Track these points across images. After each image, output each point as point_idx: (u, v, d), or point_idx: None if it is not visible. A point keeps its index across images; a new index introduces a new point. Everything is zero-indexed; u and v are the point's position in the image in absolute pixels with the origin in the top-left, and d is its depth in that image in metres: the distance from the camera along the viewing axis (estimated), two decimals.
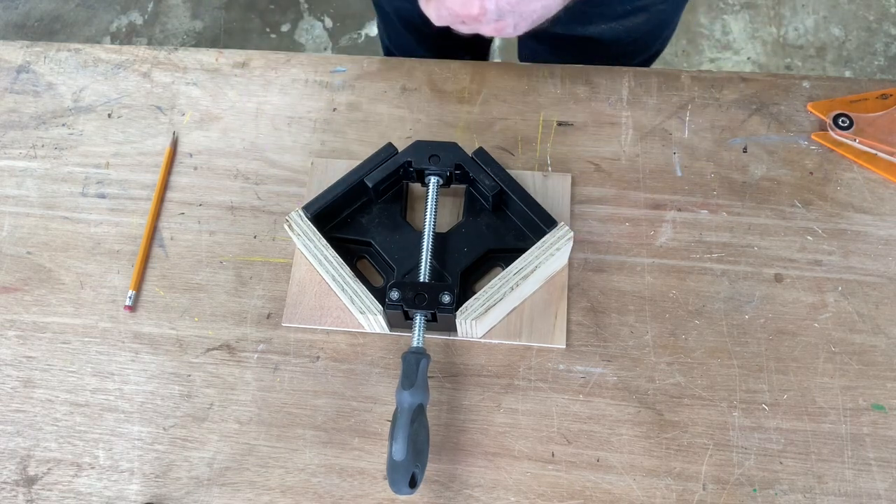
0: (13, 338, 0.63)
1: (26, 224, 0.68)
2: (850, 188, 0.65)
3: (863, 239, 0.63)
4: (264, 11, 1.92)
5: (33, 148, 0.71)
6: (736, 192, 0.66)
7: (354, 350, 0.61)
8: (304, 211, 0.60)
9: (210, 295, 0.64)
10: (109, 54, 0.76)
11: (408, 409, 0.52)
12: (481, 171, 0.61)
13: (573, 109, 0.70)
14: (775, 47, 1.80)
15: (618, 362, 0.59)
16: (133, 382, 0.61)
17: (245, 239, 0.66)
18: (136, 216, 0.67)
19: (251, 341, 0.62)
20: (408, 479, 0.51)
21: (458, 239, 0.62)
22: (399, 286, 0.56)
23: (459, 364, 0.60)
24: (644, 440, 0.57)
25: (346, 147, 0.70)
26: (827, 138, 0.67)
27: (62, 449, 0.59)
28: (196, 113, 0.72)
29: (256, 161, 0.69)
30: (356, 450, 0.58)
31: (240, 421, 0.59)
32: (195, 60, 0.75)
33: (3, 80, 0.75)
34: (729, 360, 0.59)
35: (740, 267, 0.62)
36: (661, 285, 0.62)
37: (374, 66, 0.74)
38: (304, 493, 0.56)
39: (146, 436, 0.59)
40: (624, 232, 0.64)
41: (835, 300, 0.61)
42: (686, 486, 0.55)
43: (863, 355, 0.59)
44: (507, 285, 0.57)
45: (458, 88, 0.72)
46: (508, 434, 0.58)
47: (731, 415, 0.57)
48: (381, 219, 0.63)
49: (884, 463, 0.55)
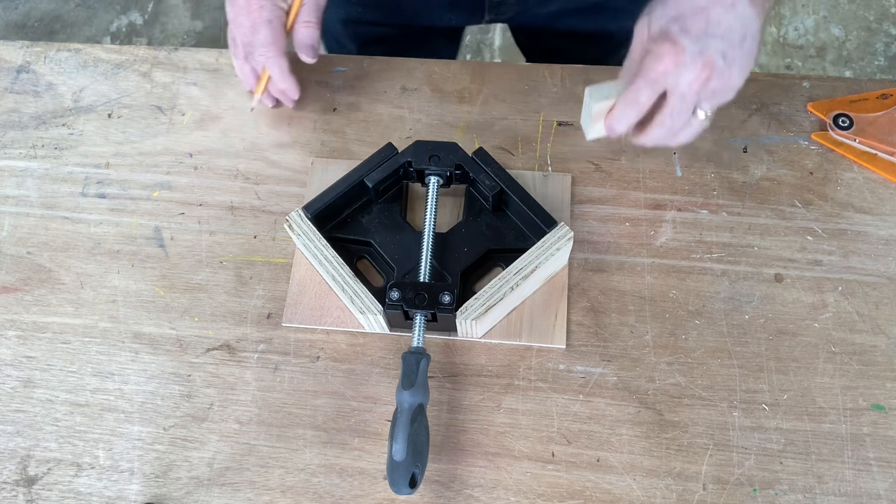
0: (13, 338, 0.63)
1: (26, 224, 0.68)
2: (850, 188, 0.65)
3: (863, 239, 0.63)
4: None
5: (33, 148, 0.71)
6: (736, 192, 0.66)
7: (354, 350, 0.61)
8: (304, 211, 0.60)
9: (210, 295, 0.64)
10: (109, 54, 0.76)
11: (408, 409, 0.52)
12: (481, 171, 0.61)
13: (573, 109, 0.70)
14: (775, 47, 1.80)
15: (618, 362, 0.59)
16: (133, 382, 0.61)
17: (245, 239, 0.66)
18: (136, 216, 0.67)
19: (251, 341, 0.62)
20: (408, 479, 0.51)
21: (458, 239, 0.62)
22: (399, 286, 0.56)
23: (459, 364, 0.60)
24: (644, 440, 0.57)
25: (346, 147, 0.70)
26: (827, 138, 0.67)
27: (62, 449, 0.59)
28: (196, 113, 0.72)
29: (256, 161, 0.69)
30: (356, 450, 0.58)
31: (240, 421, 0.59)
32: (195, 60, 0.75)
33: (3, 80, 0.75)
34: (729, 360, 0.59)
35: (740, 267, 0.62)
36: (661, 285, 0.62)
37: (374, 66, 0.74)
38: (304, 493, 0.56)
39: (146, 436, 0.59)
40: (624, 232, 0.64)
41: (835, 300, 0.61)
42: (686, 486, 0.55)
43: (863, 355, 0.59)
44: (507, 285, 0.57)
45: (458, 88, 0.72)
46: (508, 434, 0.58)
47: (731, 415, 0.57)
48: (381, 219, 0.63)
49: (884, 463, 0.55)
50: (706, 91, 0.54)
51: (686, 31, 0.52)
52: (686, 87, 0.53)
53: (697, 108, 0.55)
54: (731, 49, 0.53)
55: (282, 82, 0.66)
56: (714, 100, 0.55)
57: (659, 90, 0.54)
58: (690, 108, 0.55)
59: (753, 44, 0.54)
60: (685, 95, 0.54)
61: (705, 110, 0.56)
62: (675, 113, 0.55)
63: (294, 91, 0.68)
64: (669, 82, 0.53)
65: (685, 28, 0.52)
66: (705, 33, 0.52)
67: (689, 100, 0.54)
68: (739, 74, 0.54)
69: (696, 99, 0.54)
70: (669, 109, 0.55)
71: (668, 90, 0.54)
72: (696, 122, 0.57)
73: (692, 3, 0.53)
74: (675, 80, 0.53)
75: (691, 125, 0.57)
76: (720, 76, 0.53)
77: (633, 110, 0.55)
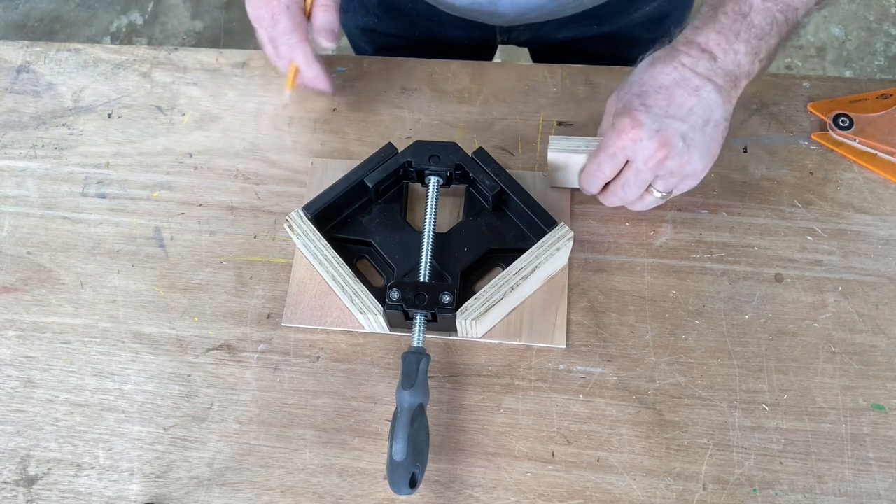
0: (13, 338, 0.63)
1: (26, 224, 0.68)
2: (850, 188, 0.65)
3: (863, 239, 0.63)
4: None
5: (33, 148, 0.71)
6: (736, 192, 0.66)
7: (354, 350, 0.61)
8: (304, 211, 0.60)
9: (210, 295, 0.64)
10: (109, 54, 0.76)
11: (408, 409, 0.52)
12: (481, 171, 0.61)
13: (573, 109, 0.70)
14: None
15: (618, 362, 0.59)
16: (133, 382, 0.61)
17: (245, 239, 0.66)
18: (136, 216, 0.67)
19: (251, 341, 0.62)
20: (408, 480, 0.51)
21: (458, 239, 0.62)
22: (399, 286, 0.56)
23: (459, 364, 0.60)
24: (644, 440, 0.57)
25: (346, 147, 0.70)
26: (827, 138, 0.67)
27: (62, 449, 0.59)
28: (196, 113, 0.72)
29: (256, 161, 0.69)
30: (356, 450, 0.58)
31: (240, 421, 0.59)
32: (195, 60, 0.75)
33: (3, 80, 0.75)
34: (729, 360, 0.59)
35: (740, 267, 0.62)
36: (661, 285, 0.62)
37: (374, 66, 0.74)
38: (304, 493, 0.56)
39: (146, 436, 0.59)
40: (624, 232, 0.64)
41: (835, 300, 0.61)
42: (686, 486, 0.55)
43: (863, 355, 0.59)
44: (507, 285, 0.57)
45: (458, 88, 0.72)
46: (508, 434, 0.58)
47: (731, 415, 0.57)
48: (381, 219, 0.63)
49: (884, 463, 0.55)
50: (661, 170, 0.54)
51: (647, 108, 0.53)
52: (642, 163, 0.54)
53: (652, 186, 0.56)
54: (692, 132, 0.53)
55: (308, 70, 0.64)
56: (670, 180, 0.56)
57: (621, 162, 0.55)
58: (644, 184, 0.56)
59: (716, 130, 0.54)
60: (640, 171, 0.55)
61: (660, 190, 0.57)
62: (628, 186, 0.57)
63: (322, 81, 0.66)
64: (629, 154, 0.54)
65: (647, 105, 0.53)
66: (666, 113, 0.53)
67: (643, 176, 0.55)
68: (700, 159, 0.55)
69: (652, 176, 0.55)
70: (622, 182, 0.57)
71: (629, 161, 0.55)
72: (649, 198, 0.58)
73: (656, 82, 0.53)
74: (633, 154, 0.54)
75: (644, 200, 0.59)
76: (678, 157, 0.53)
77: (597, 179, 0.58)
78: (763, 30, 0.52)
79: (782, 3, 0.53)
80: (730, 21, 0.52)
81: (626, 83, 0.56)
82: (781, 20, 0.53)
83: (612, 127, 0.54)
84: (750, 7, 0.52)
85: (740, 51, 0.52)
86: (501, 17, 0.76)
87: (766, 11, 0.52)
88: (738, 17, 0.52)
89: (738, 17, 0.52)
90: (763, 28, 0.52)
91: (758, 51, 0.53)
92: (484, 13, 0.76)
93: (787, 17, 0.53)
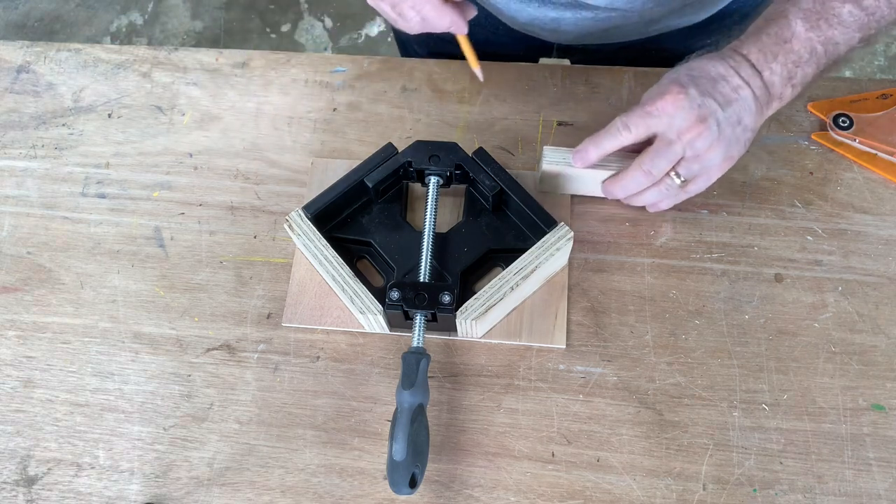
0: (13, 338, 0.63)
1: (26, 224, 0.68)
2: (850, 188, 0.65)
3: (863, 239, 0.63)
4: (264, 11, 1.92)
5: (33, 148, 0.71)
6: (736, 192, 0.66)
7: (354, 350, 0.61)
8: (304, 211, 0.60)
9: (210, 295, 0.64)
10: (109, 54, 0.76)
11: (408, 409, 0.52)
12: (481, 171, 0.61)
13: (573, 109, 0.70)
14: None
15: (618, 362, 0.59)
16: (133, 382, 0.61)
17: (245, 239, 0.66)
18: (136, 216, 0.67)
19: (251, 341, 0.62)
20: (408, 479, 0.51)
21: (458, 239, 0.62)
22: (399, 286, 0.56)
23: (459, 364, 0.60)
24: (644, 440, 0.57)
25: (346, 147, 0.70)
26: (827, 138, 0.67)
27: (62, 449, 0.59)
28: (196, 113, 0.72)
29: (256, 161, 0.69)
30: (356, 450, 0.58)
31: (240, 421, 0.59)
32: (195, 60, 0.75)
33: (3, 80, 0.75)
34: (729, 360, 0.59)
35: (740, 267, 0.62)
36: (661, 285, 0.62)
37: (374, 66, 0.74)
38: (304, 493, 0.56)
39: (146, 436, 0.59)
40: (624, 232, 0.64)
41: (835, 300, 0.61)
42: (686, 486, 0.55)
43: (863, 355, 0.59)
44: (507, 285, 0.57)
45: (458, 88, 0.72)
46: (508, 434, 0.58)
47: (731, 415, 0.57)
48: (381, 219, 0.63)
49: (884, 463, 0.55)
50: (691, 148, 0.54)
51: (695, 82, 0.54)
52: (675, 133, 0.54)
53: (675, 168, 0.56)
54: (726, 124, 0.54)
55: (440, 20, 0.58)
56: (692, 166, 0.56)
57: (652, 124, 0.55)
58: (673, 159, 0.56)
59: (744, 135, 0.56)
60: (672, 143, 0.55)
61: (680, 174, 0.56)
62: (658, 157, 0.56)
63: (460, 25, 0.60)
64: (662, 124, 0.54)
65: (695, 80, 0.54)
66: (710, 94, 0.54)
67: (674, 148, 0.55)
68: (722, 152, 0.55)
69: (681, 152, 0.55)
70: (653, 152, 0.56)
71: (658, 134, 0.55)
72: (666, 183, 0.57)
73: (706, 71, 0.55)
74: (669, 122, 0.54)
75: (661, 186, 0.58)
76: (709, 138, 0.54)
77: (620, 135, 0.56)
78: (801, 57, 0.54)
79: (824, 37, 0.54)
80: (771, 42, 0.54)
81: (680, 66, 0.57)
82: (821, 52, 0.54)
83: (657, 89, 0.55)
84: (792, 34, 0.54)
85: (776, 71, 0.54)
86: (562, 35, 0.76)
87: (808, 41, 0.54)
88: (779, 41, 0.54)
89: (780, 41, 0.54)
90: (801, 55, 0.54)
91: (792, 75, 0.54)
92: (545, 30, 0.76)
93: (826, 49, 0.54)
